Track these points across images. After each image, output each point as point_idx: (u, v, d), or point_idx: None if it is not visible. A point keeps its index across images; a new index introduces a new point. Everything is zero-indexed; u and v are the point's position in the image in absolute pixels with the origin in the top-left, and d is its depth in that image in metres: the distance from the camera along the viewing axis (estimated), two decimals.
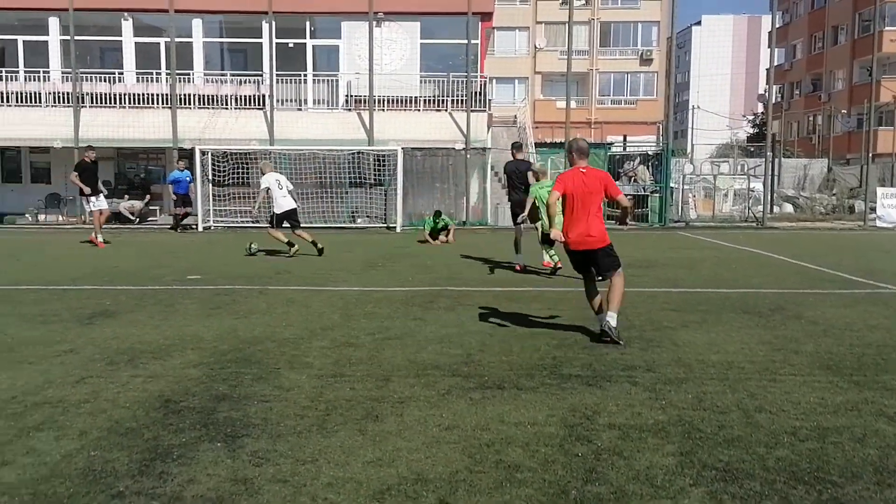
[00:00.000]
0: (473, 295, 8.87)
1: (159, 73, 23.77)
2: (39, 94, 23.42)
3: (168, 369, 5.40)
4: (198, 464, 3.61)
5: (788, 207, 27.53)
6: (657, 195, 22.76)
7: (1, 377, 5.14)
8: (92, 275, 10.69)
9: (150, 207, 23.53)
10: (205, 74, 24.08)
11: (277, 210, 13.03)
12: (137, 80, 23.80)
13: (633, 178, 23.65)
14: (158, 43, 24.06)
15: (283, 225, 13.16)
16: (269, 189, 12.99)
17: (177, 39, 22.61)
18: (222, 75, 24.42)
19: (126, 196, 23.35)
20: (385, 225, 21.45)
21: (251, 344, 6.23)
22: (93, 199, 15.29)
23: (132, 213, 22.68)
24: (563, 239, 6.45)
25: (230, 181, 21.59)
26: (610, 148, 25.89)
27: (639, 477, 3.49)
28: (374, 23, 22.59)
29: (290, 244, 12.98)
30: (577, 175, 6.33)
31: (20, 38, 24.11)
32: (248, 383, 5.02)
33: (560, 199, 6.30)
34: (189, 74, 23.68)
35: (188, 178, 19.86)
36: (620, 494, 3.31)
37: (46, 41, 23.86)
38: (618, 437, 4.02)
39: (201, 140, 21.78)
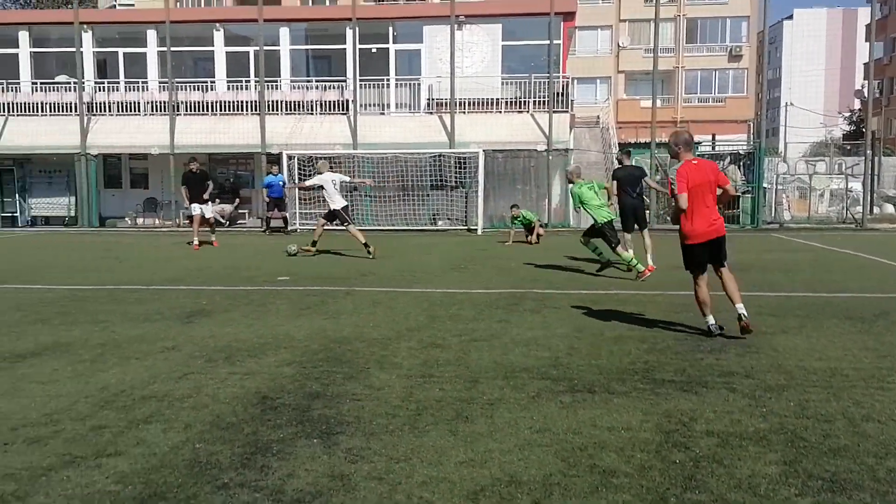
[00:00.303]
0: (558, 297, 8.79)
1: (248, 81, 24.59)
2: (138, 103, 24.62)
3: (263, 367, 5.58)
4: (296, 459, 3.70)
5: (889, 208, 26.11)
6: (749, 196, 22.00)
7: (111, 372, 5.43)
8: (188, 276, 11.14)
9: (240, 211, 24.35)
10: (291, 81, 24.77)
11: (337, 206, 13.54)
12: (228, 88, 24.69)
13: None
14: (248, 52, 24.89)
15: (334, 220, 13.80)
16: (323, 187, 13.63)
17: (265, 48, 23.34)
18: (308, 82, 25.04)
19: (217, 200, 24.20)
20: (466, 227, 21.52)
21: (341, 343, 6.36)
22: (194, 205, 16.07)
23: (222, 217, 23.52)
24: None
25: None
26: (698, 147, 25.19)
27: (741, 486, 3.38)
28: (456, 26, 22.73)
29: (367, 245, 13.28)
30: (692, 167, 6.35)
31: (121, 51, 25.41)
32: (340, 382, 5.12)
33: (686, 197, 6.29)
34: (276, 82, 24.40)
35: (281, 182, 20.46)
36: (722, 503, 3.21)
37: (145, 53, 25.03)
38: (717, 444, 3.90)
39: (288, 145, 22.43)
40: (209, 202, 16.39)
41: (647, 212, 14.29)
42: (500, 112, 23.22)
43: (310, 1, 43.53)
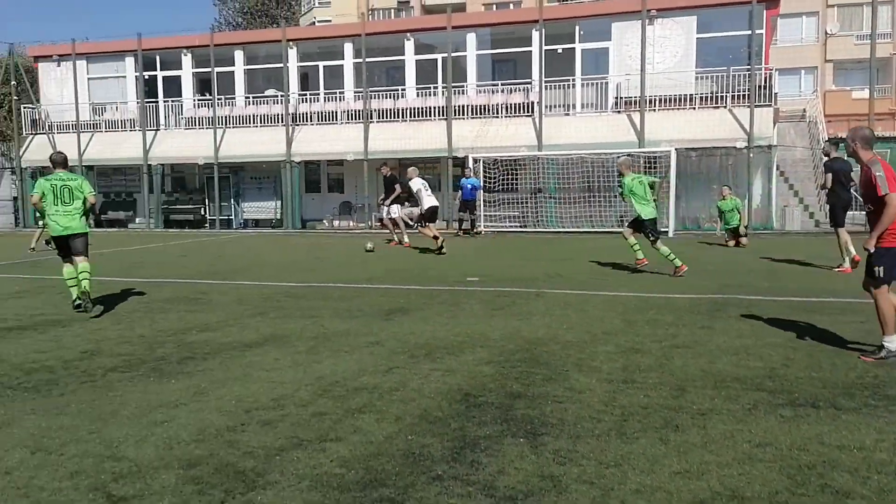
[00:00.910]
0: (766, 304, 8.22)
1: (436, 87, 25.39)
2: (336, 112, 26.25)
3: (462, 365, 5.70)
4: (504, 457, 3.74)
5: None
6: None
7: (325, 363, 5.80)
8: (384, 275, 11.68)
9: None
10: (477, 86, 25.24)
11: (427, 205, 15.02)
12: (417, 95, 25.64)
13: None
14: (436, 59, 25.72)
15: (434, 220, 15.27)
16: (419, 190, 15.05)
17: (452, 54, 23.99)
18: (493, 85, 25.40)
19: (406, 203, 25.26)
20: None
21: (536, 345, 6.35)
22: (383, 207, 17.49)
23: (410, 219, 24.51)
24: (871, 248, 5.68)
25: (500, 187, 22.38)
26: None
27: None
28: (647, 21, 22.03)
29: (439, 243, 14.54)
30: (888, 165, 5.65)
31: (321, 64, 27.22)
32: (540, 383, 5.11)
33: None
34: (463, 87, 24.98)
35: (470, 186, 20.89)
36: None
37: (342, 65, 26.65)
38: None
39: (474, 148, 22.88)
40: (398, 204, 17.33)
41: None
42: (694, 108, 22.17)
43: (494, 6, 44.24)
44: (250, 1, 52.05)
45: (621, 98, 23.13)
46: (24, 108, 29.58)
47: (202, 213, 28.19)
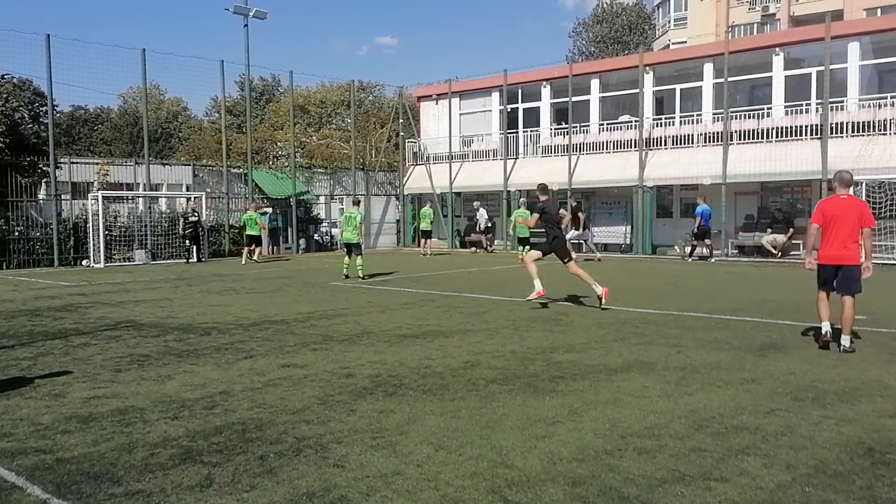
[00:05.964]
0: None
1: (809, 104, 23.16)
2: (692, 135, 25.39)
3: (860, 415, 5.03)
4: None
5: None
6: None
7: (696, 396, 5.57)
8: (749, 307, 10.90)
9: (793, 241, 23.03)
10: (860, 100, 22.42)
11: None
12: (786, 114, 23.65)
13: None
14: (809, 73, 23.51)
15: None
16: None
17: (831, 67, 21.67)
18: (881, 99, 22.32)
19: (769, 230, 23.40)
20: None
21: None
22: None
23: (774, 247, 22.62)
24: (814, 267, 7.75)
25: (886, 213, 19.57)
26: None
27: None
28: None
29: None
30: (836, 201, 7.57)
31: (677, 87, 26.58)
32: None
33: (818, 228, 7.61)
34: (842, 101, 22.41)
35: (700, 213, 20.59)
36: None
37: (700, 86, 25.72)
38: None
39: (855, 170, 20.29)
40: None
41: None
42: None
43: (878, 10, 39.17)
44: (604, 30, 53.14)
45: None
46: (408, 142, 33.81)
47: None
